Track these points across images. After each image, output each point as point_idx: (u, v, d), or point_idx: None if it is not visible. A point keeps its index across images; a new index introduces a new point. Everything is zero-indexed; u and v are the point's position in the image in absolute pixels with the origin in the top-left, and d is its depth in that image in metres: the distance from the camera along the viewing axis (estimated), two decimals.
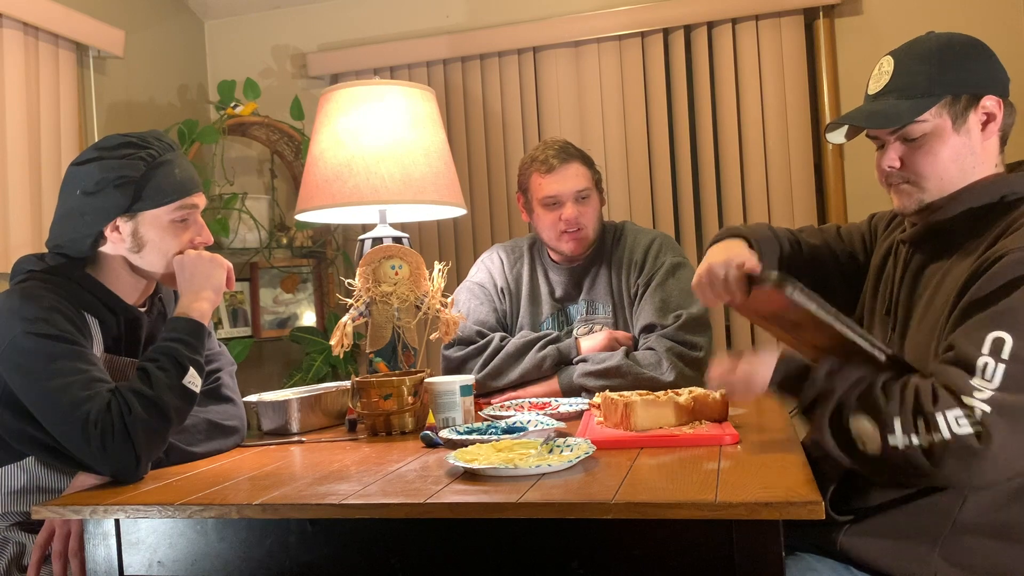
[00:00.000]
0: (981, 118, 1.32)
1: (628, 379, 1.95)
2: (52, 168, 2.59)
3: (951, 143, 1.32)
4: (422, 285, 1.95)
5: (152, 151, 1.55)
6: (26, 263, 1.56)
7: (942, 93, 1.31)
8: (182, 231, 1.59)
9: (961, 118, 1.32)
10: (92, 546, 1.28)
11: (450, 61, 3.23)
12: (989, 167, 1.35)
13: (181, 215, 1.58)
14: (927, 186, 1.34)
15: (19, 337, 1.40)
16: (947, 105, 1.31)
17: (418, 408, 1.75)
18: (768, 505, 1.02)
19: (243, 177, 3.35)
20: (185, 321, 1.51)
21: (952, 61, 1.32)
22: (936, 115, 1.31)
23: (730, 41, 2.97)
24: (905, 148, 1.35)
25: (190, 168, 1.63)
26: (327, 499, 1.19)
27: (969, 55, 1.33)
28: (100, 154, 1.53)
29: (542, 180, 2.17)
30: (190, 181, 1.60)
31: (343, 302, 1.99)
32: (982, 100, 1.32)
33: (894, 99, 1.34)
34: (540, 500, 1.11)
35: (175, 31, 3.35)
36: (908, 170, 1.35)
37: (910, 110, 1.31)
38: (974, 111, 1.32)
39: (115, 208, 1.52)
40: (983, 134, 1.33)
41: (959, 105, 1.31)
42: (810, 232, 1.67)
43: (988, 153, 1.34)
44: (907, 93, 1.33)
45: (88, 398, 1.36)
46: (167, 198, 1.55)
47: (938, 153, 1.32)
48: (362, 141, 2.24)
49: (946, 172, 1.33)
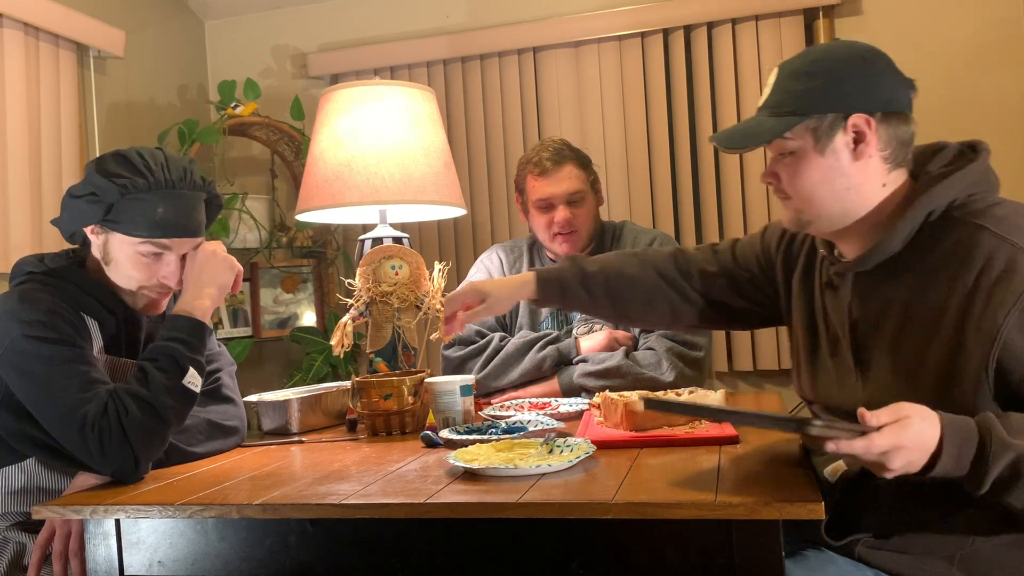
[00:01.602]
0: (850, 138, 1.24)
1: (628, 379, 1.95)
2: (52, 168, 2.59)
3: (816, 165, 1.25)
4: (422, 285, 1.95)
5: (141, 181, 1.48)
6: (26, 264, 1.56)
7: (806, 112, 1.24)
8: (150, 265, 1.52)
9: (826, 139, 1.24)
10: (92, 546, 1.28)
11: (450, 61, 3.22)
12: (870, 188, 1.26)
13: (150, 251, 1.51)
14: (800, 206, 1.30)
15: (18, 339, 1.40)
16: (811, 125, 1.24)
17: (418, 408, 1.75)
18: (768, 505, 1.02)
19: (243, 177, 3.35)
20: (185, 320, 1.50)
21: (821, 78, 1.25)
22: (799, 135, 1.25)
23: (730, 41, 2.97)
24: (780, 163, 1.30)
25: (184, 212, 1.52)
26: (327, 499, 1.19)
27: (842, 70, 1.25)
28: (98, 164, 1.50)
29: (536, 182, 2.18)
30: (171, 225, 1.50)
31: (343, 302, 1.99)
32: (850, 119, 1.23)
33: (765, 115, 1.29)
34: (540, 500, 1.11)
35: (175, 31, 3.35)
36: (784, 186, 1.31)
37: (770, 130, 1.26)
38: (842, 131, 1.24)
39: (87, 218, 1.51)
40: (854, 155, 1.24)
41: (824, 125, 1.24)
42: (706, 259, 1.61)
43: (865, 175, 1.25)
44: (776, 110, 1.28)
45: (86, 400, 1.37)
46: (137, 231, 1.49)
47: (803, 174, 1.27)
48: (362, 141, 2.24)
49: (815, 195, 1.27)
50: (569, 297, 1.63)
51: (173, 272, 1.54)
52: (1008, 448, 1.08)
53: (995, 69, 2.81)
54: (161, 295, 1.58)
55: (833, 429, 1.04)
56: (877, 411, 1.07)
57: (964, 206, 1.24)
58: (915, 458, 1.07)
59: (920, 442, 1.07)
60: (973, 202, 1.24)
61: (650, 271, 1.62)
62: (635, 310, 1.63)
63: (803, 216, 1.31)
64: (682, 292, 1.60)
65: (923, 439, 1.07)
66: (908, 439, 1.06)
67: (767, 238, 1.55)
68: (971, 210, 1.23)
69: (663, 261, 1.63)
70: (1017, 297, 1.12)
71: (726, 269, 1.58)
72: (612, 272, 1.62)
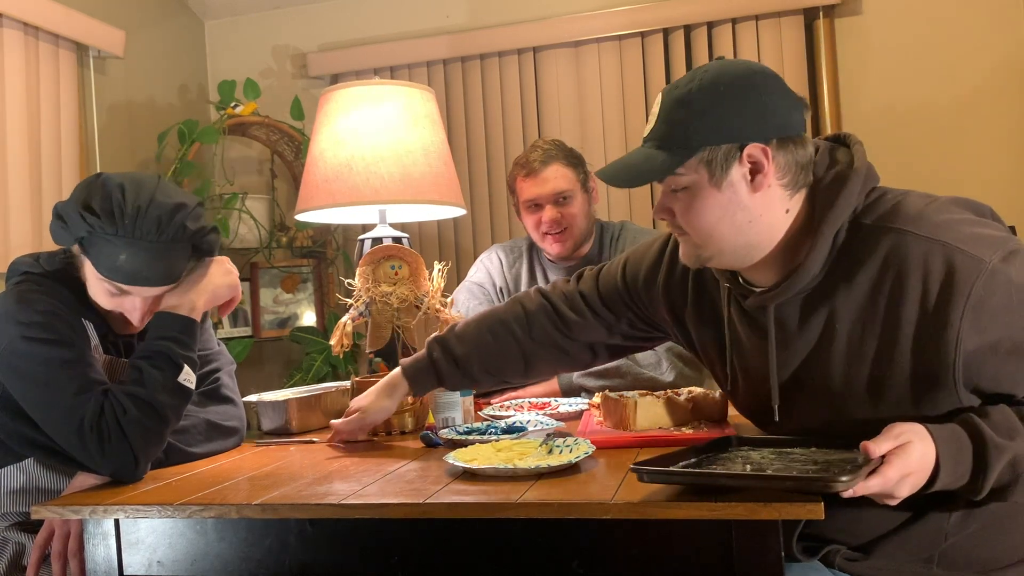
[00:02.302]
0: (747, 169, 1.16)
1: (627, 379, 1.95)
2: (52, 168, 2.59)
3: (713, 200, 1.17)
4: (422, 285, 1.94)
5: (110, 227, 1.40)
6: (21, 264, 1.55)
7: (697, 146, 1.16)
8: (113, 297, 1.48)
9: (721, 172, 1.16)
10: (92, 546, 1.28)
11: (450, 61, 3.22)
12: (772, 217, 1.19)
13: (111, 288, 1.46)
14: (698, 242, 1.22)
15: (16, 341, 1.40)
16: (704, 158, 1.16)
17: (418, 408, 1.75)
18: (767, 505, 1.02)
19: (243, 177, 3.35)
20: (177, 318, 1.49)
21: (711, 107, 1.16)
22: (692, 170, 1.17)
23: (730, 41, 2.97)
24: (673, 198, 1.22)
25: (147, 263, 1.42)
26: (327, 499, 1.19)
27: (733, 97, 1.16)
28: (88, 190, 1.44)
29: (523, 183, 2.19)
30: (130, 273, 1.43)
31: (343, 302, 1.99)
32: (745, 150, 1.15)
33: (654, 148, 1.20)
34: (540, 500, 1.11)
35: (175, 31, 3.35)
36: (679, 221, 1.22)
37: (661, 167, 1.18)
38: (738, 163, 1.16)
39: (63, 239, 1.48)
40: (751, 186, 1.16)
41: (717, 158, 1.16)
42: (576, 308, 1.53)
43: (765, 205, 1.18)
44: (664, 144, 1.18)
45: (84, 401, 1.36)
46: (99, 268, 1.44)
47: (700, 211, 1.19)
48: (362, 141, 2.23)
49: (715, 231, 1.19)
50: (449, 382, 1.60)
51: (136, 310, 1.49)
52: (1002, 450, 1.08)
53: (995, 69, 2.81)
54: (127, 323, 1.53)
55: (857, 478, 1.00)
56: (876, 439, 1.05)
57: (869, 210, 1.19)
58: (919, 480, 1.07)
59: (924, 464, 1.06)
60: (875, 205, 1.19)
61: (520, 336, 1.55)
62: (518, 375, 1.62)
63: (703, 252, 1.23)
64: (560, 347, 1.55)
65: (926, 460, 1.06)
66: (914, 464, 1.05)
67: (629, 277, 1.48)
68: (879, 214, 1.18)
69: (533, 319, 1.55)
70: (966, 297, 1.09)
71: (597, 315, 1.52)
72: (482, 349, 1.56)
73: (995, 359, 1.12)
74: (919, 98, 2.86)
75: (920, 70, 2.86)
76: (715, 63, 1.22)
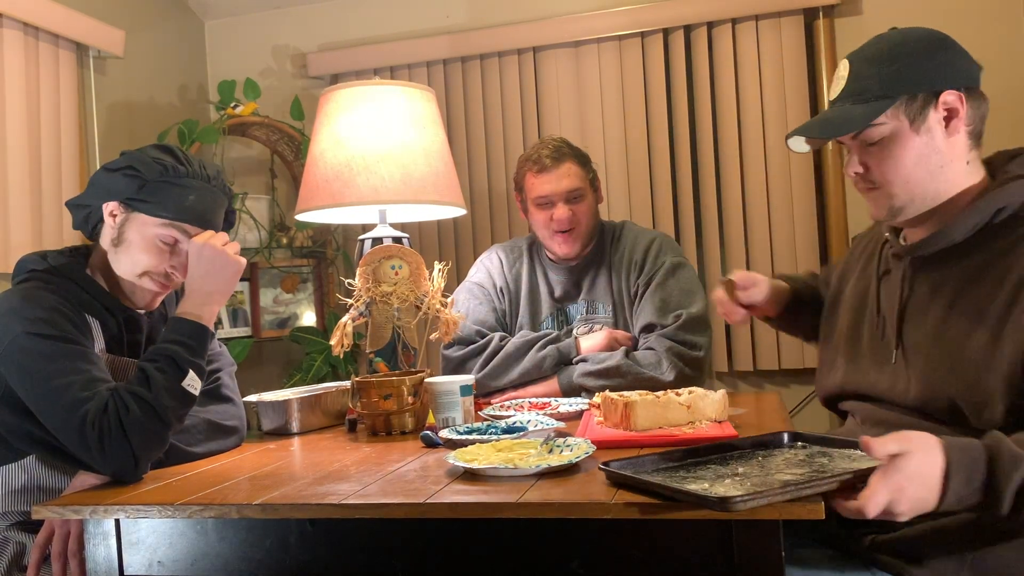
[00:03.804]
0: (942, 115, 1.27)
1: (628, 379, 1.95)
2: (52, 168, 2.59)
3: (912, 145, 1.27)
4: (422, 285, 1.95)
5: (181, 168, 1.55)
6: (28, 262, 1.56)
7: (896, 94, 1.26)
8: (162, 253, 1.55)
9: (920, 117, 1.27)
10: (92, 546, 1.28)
11: (450, 61, 3.22)
12: (959, 165, 1.30)
13: (168, 236, 1.55)
14: (894, 191, 1.30)
15: (20, 337, 1.40)
16: (903, 106, 1.27)
17: (418, 408, 1.75)
18: (768, 505, 1.02)
19: (243, 177, 3.35)
20: (188, 323, 1.50)
21: (905, 59, 1.28)
22: (892, 117, 1.27)
23: (730, 41, 2.97)
24: (867, 153, 1.31)
25: (210, 208, 1.58)
26: (327, 499, 1.19)
27: (923, 50, 1.28)
28: (144, 148, 1.58)
29: (535, 180, 2.18)
30: (198, 214, 1.55)
31: (343, 302, 1.99)
32: (941, 96, 1.26)
33: (849, 104, 1.30)
34: (540, 500, 1.11)
35: (175, 31, 3.35)
36: (874, 175, 1.31)
37: (863, 115, 1.27)
38: (934, 109, 1.27)
39: (118, 192, 1.54)
40: (946, 131, 1.28)
41: (916, 104, 1.26)
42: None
43: (955, 151, 1.29)
44: (862, 97, 1.29)
45: (87, 398, 1.37)
46: (163, 212, 1.53)
47: (899, 157, 1.28)
48: (362, 141, 2.23)
49: (912, 175, 1.28)
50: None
51: (183, 264, 1.56)
52: (1020, 460, 1.05)
53: (995, 69, 2.81)
54: (163, 287, 1.59)
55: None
56: (883, 438, 1.04)
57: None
58: (922, 494, 1.04)
59: (922, 476, 1.04)
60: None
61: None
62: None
63: (896, 202, 1.31)
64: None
65: (924, 471, 1.04)
66: (904, 479, 1.02)
67: (851, 248, 1.62)
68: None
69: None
70: None
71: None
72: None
73: None
74: None
75: None
76: (894, 29, 1.36)
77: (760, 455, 1.24)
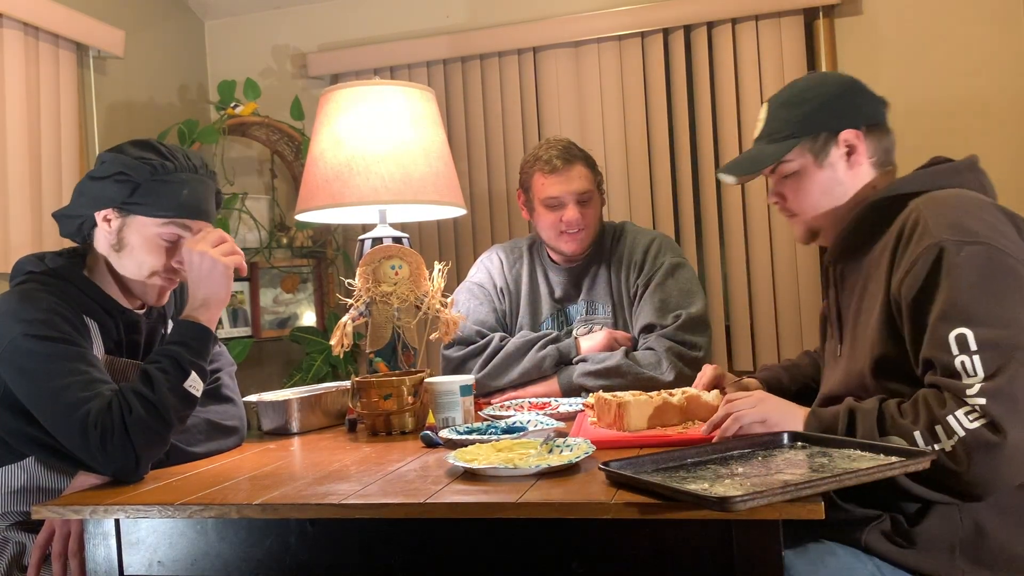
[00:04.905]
0: (844, 151, 1.44)
1: (628, 379, 1.95)
2: (52, 168, 2.59)
3: (817, 178, 1.45)
4: (422, 285, 1.94)
5: (169, 164, 1.53)
6: (26, 264, 1.56)
7: (801, 134, 1.44)
8: (165, 251, 1.56)
9: (823, 154, 1.44)
10: (92, 546, 1.28)
11: (450, 61, 3.22)
12: (865, 191, 1.45)
13: (169, 234, 1.55)
14: (807, 218, 1.49)
15: (18, 339, 1.40)
16: (808, 144, 1.44)
17: (418, 408, 1.75)
18: (768, 505, 1.02)
19: (243, 177, 3.35)
20: (191, 325, 1.50)
21: (811, 103, 1.45)
22: (799, 155, 1.45)
23: (730, 41, 2.97)
24: (783, 184, 1.49)
25: (204, 198, 1.58)
26: (327, 499, 1.19)
27: (828, 94, 1.46)
28: (124, 148, 1.55)
29: (545, 180, 2.17)
30: (194, 207, 1.55)
31: (343, 302, 1.99)
32: (840, 135, 1.43)
33: (765, 143, 1.49)
34: (540, 500, 1.11)
35: (175, 31, 3.35)
36: (790, 204, 1.50)
37: (773, 154, 1.46)
38: (835, 146, 1.44)
39: (109, 199, 1.53)
40: (848, 164, 1.45)
41: (819, 142, 1.44)
42: None
43: (857, 180, 1.45)
44: (773, 137, 1.47)
45: (88, 398, 1.37)
46: (161, 212, 1.53)
47: (807, 188, 1.46)
48: (362, 141, 2.23)
49: (819, 203, 1.46)
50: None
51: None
52: (847, 406, 1.27)
53: (994, 69, 2.81)
54: (171, 282, 1.59)
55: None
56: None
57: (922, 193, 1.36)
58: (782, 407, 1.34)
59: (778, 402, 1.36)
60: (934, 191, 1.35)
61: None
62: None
63: (812, 226, 1.49)
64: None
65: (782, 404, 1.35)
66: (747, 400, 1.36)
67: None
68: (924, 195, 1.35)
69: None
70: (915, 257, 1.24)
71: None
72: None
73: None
74: (919, 98, 2.86)
75: (920, 70, 2.86)
76: (810, 74, 1.58)
77: (760, 455, 1.24)
